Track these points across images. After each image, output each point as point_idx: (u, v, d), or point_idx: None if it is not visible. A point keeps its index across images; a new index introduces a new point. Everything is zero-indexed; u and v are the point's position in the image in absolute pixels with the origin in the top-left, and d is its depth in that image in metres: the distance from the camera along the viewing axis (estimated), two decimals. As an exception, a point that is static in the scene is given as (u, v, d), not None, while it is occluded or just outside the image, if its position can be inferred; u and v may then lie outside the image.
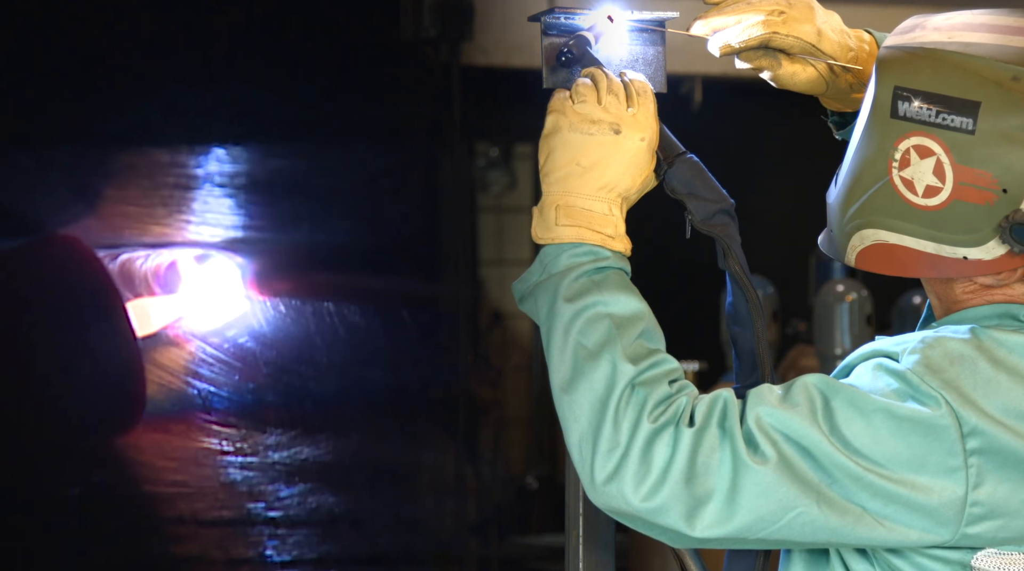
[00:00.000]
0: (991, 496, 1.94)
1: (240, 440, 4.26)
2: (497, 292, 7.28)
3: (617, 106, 2.06)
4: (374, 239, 4.65)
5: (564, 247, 2.04)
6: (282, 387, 4.35)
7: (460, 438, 5.12)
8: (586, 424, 1.95)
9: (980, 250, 1.99)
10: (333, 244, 4.51)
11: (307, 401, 4.40)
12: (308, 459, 4.39)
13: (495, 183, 7.17)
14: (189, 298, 4.17)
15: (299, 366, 4.37)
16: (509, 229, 7.32)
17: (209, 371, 4.20)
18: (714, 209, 2.09)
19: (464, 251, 5.51)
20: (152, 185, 4.18)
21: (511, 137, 6.97)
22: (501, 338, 7.24)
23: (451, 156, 5.15)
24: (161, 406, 4.18)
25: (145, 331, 4.11)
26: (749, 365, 2.10)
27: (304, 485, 4.36)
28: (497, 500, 6.76)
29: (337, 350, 4.44)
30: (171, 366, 4.17)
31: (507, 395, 7.15)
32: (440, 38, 5.07)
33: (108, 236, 4.10)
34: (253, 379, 4.29)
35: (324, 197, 4.53)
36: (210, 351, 4.19)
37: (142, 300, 4.10)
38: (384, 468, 4.64)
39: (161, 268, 4.12)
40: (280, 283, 4.31)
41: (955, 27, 2.03)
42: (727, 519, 1.93)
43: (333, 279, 4.50)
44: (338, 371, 4.45)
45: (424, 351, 4.80)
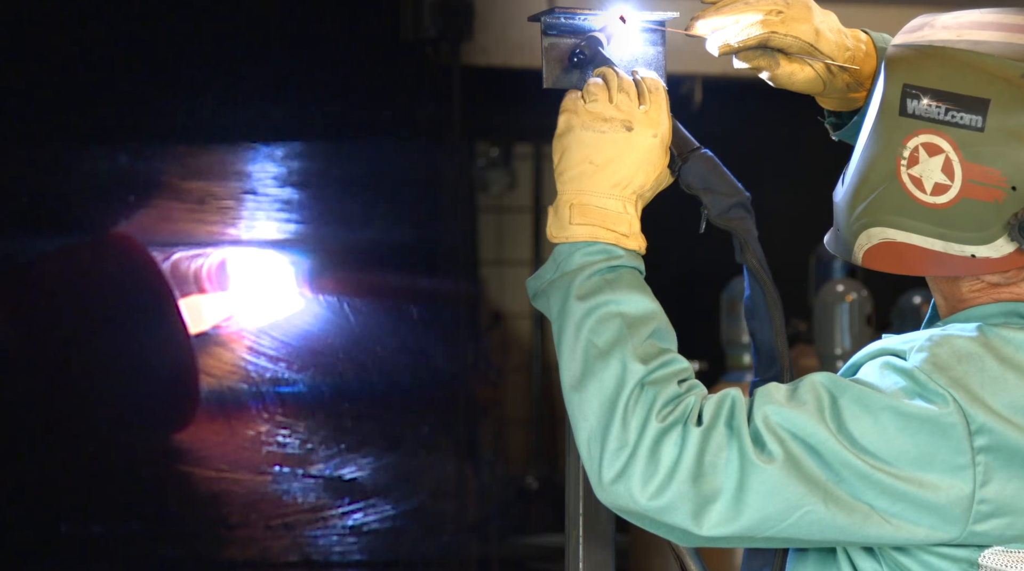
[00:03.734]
0: (998, 494, 1.94)
1: (290, 437, 4.30)
2: (497, 292, 7.28)
3: (629, 104, 2.07)
4: (374, 239, 4.65)
5: (578, 245, 2.04)
6: (303, 386, 4.37)
7: (460, 438, 5.12)
8: (595, 423, 1.96)
9: (988, 248, 1.99)
10: (332, 243, 4.52)
11: (330, 399, 4.42)
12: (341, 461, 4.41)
13: (495, 183, 7.16)
14: (240, 296, 4.20)
15: (319, 364, 4.39)
16: (509, 229, 7.31)
17: (261, 367, 4.23)
18: (730, 203, 2.09)
19: (464, 251, 5.51)
20: (204, 185, 4.21)
21: (511, 137, 6.97)
22: (501, 338, 7.23)
23: (451, 156, 5.15)
24: (214, 402, 4.21)
25: (198, 328, 4.14)
26: (767, 359, 2.10)
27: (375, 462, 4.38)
28: (497, 500, 6.76)
29: (342, 349, 4.45)
30: (223, 363, 4.19)
31: (507, 395, 7.15)
32: (440, 38, 5.07)
33: (160, 235, 4.13)
34: (301, 375, 4.33)
35: (323, 197, 4.53)
36: (261, 348, 4.22)
37: (194, 298, 4.13)
38: (384, 468, 4.64)
39: (212, 267, 4.15)
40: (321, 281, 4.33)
41: (964, 25, 2.04)
42: (734, 518, 1.93)
43: (335, 279, 4.50)
44: (342, 371, 4.45)
45: (424, 351, 4.80)
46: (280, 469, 4.31)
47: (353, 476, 4.53)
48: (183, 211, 4.18)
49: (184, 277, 4.12)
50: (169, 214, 4.16)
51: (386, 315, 4.61)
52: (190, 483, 4.23)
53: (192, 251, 4.15)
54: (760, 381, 2.09)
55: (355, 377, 4.49)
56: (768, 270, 2.09)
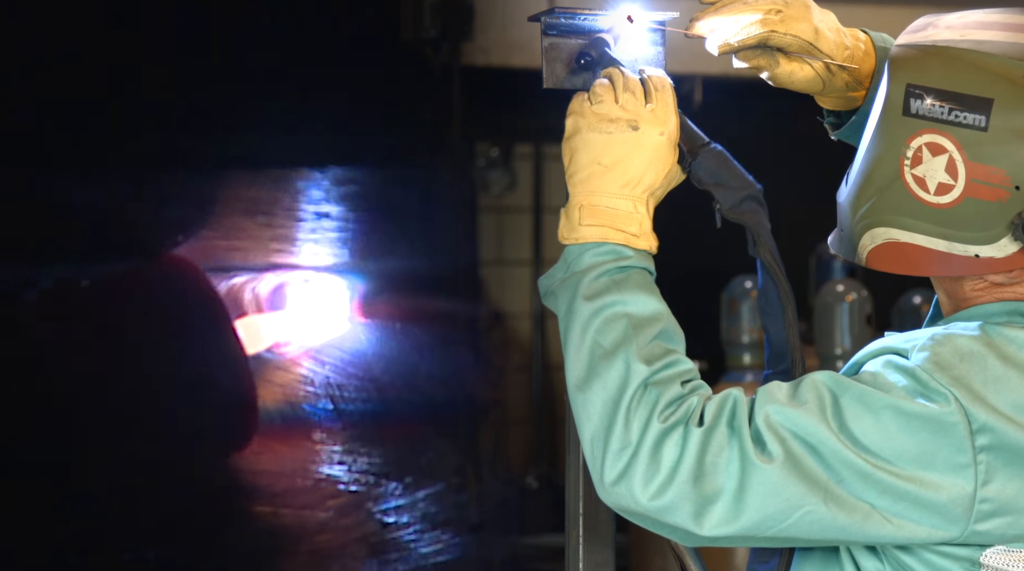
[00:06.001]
0: (1000, 493, 1.94)
1: (344, 454, 4.32)
2: (497, 292, 7.28)
3: (634, 103, 2.07)
4: (372, 239, 4.65)
5: (587, 246, 2.04)
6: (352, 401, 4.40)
7: (460, 438, 5.12)
8: (598, 423, 1.96)
9: (992, 248, 2.00)
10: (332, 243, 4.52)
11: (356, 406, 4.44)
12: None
13: (495, 183, 7.16)
14: (297, 318, 4.22)
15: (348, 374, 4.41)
16: (509, 229, 7.31)
17: (317, 389, 4.25)
18: (741, 196, 2.09)
19: (464, 251, 5.51)
20: (260, 209, 4.23)
21: (511, 137, 6.96)
22: (501, 338, 7.23)
23: (451, 156, 5.15)
24: (272, 422, 4.23)
25: (255, 348, 4.16)
26: (779, 353, 2.10)
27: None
28: (497, 500, 6.76)
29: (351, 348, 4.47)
30: (281, 383, 4.21)
31: (507, 395, 7.14)
32: (440, 38, 5.06)
33: (218, 260, 4.15)
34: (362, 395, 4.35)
35: (322, 196, 4.53)
36: (318, 370, 4.24)
37: (251, 317, 4.15)
38: (384, 468, 4.64)
39: (269, 290, 4.17)
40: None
41: (968, 25, 2.04)
42: (735, 518, 1.93)
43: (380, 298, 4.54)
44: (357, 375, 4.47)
45: (424, 351, 4.80)
46: (334, 490, 4.33)
47: (353, 476, 4.54)
48: (239, 235, 4.20)
49: (241, 300, 4.15)
50: (226, 238, 4.19)
51: (384, 314, 4.61)
52: (247, 504, 4.25)
53: (248, 275, 4.18)
54: (771, 374, 2.09)
55: (358, 378, 4.50)
56: (781, 263, 2.10)
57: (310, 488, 4.27)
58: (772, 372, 2.10)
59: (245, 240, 4.21)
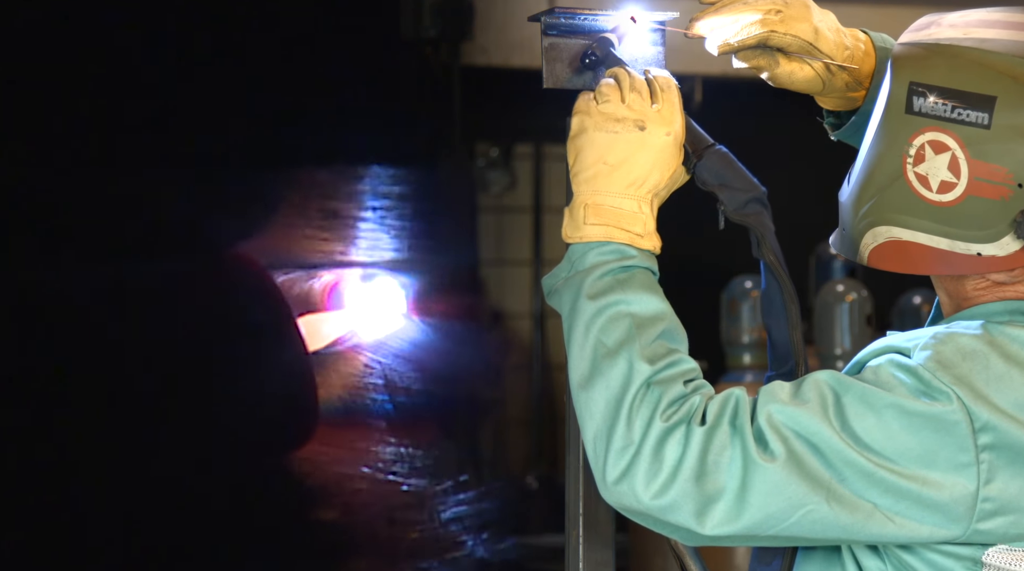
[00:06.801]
0: (1002, 492, 1.95)
1: (402, 453, 4.33)
2: (497, 292, 7.28)
3: (641, 103, 2.07)
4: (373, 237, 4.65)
5: (591, 245, 2.05)
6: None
7: (460, 438, 5.12)
8: (601, 422, 1.97)
9: (994, 246, 2.00)
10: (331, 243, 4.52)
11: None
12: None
13: (495, 183, 7.16)
14: (357, 314, 4.23)
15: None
16: (509, 229, 7.31)
17: (378, 385, 4.25)
18: (746, 198, 2.09)
19: (464, 251, 5.51)
20: (319, 206, 4.24)
21: (511, 137, 6.96)
22: (501, 338, 7.23)
23: (451, 156, 5.15)
24: (333, 418, 4.24)
25: (316, 345, 4.17)
26: (783, 354, 2.11)
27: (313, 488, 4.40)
28: (497, 500, 6.76)
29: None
30: (342, 380, 4.22)
31: (507, 395, 7.15)
32: (440, 38, 5.06)
33: (279, 256, 4.16)
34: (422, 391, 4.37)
35: (321, 197, 4.53)
36: (379, 366, 4.25)
37: (313, 316, 4.16)
38: (383, 468, 4.64)
39: (328, 287, 4.18)
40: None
41: (970, 23, 2.04)
42: (736, 517, 1.93)
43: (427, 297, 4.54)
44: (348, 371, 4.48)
45: (423, 351, 4.80)
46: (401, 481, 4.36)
47: (353, 476, 4.54)
48: (298, 233, 4.22)
49: (302, 298, 4.16)
50: (286, 236, 4.20)
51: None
52: (314, 499, 4.27)
53: (307, 272, 4.20)
54: (774, 376, 2.10)
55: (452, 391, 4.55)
56: (785, 265, 2.10)
57: (369, 486, 4.28)
58: (775, 374, 2.10)
59: (291, 238, 4.22)
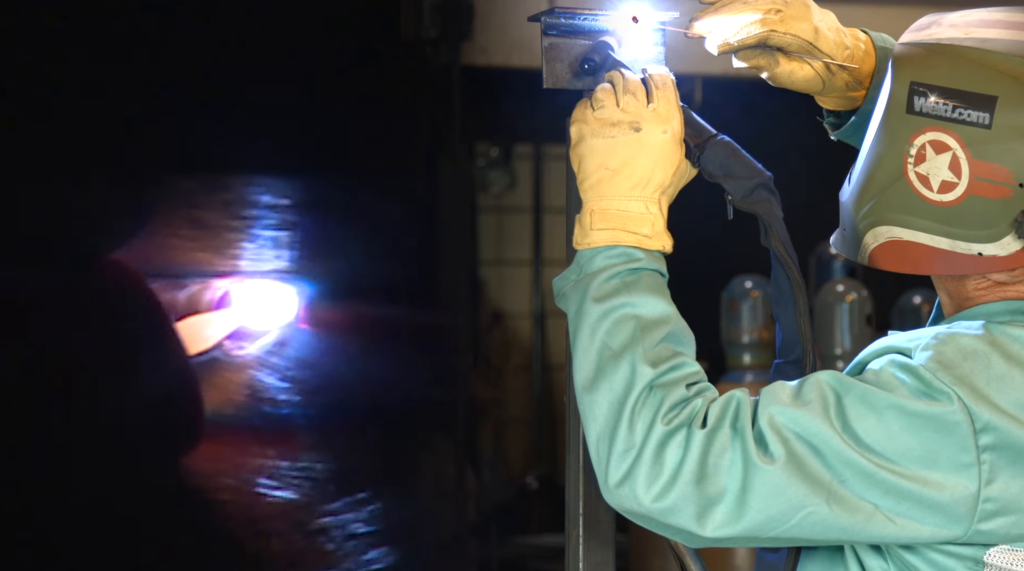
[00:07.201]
0: (1004, 492, 1.94)
1: (278, 464, 4.30)
2: (497, 292, 7.28)
3: (635, 104, 2.07)
4: (373, 239, 4.64)
5: (599, 249, 2.05)
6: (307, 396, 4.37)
7: (460, 438, 5.12)
8: (604, 424, 1.97)
9: (995, 246, 2.00)
10: (331, 243, 4.51)
11: (321, 407, 4.42)
12: (325, 468, 4.40)
13: (495, 183, 7.17)
14: (240, 322, 4.21)
15: (319, 371, 4.39)
16: (509, 229, 7.32)
17: (262, 391, 4.23)
18: (752, 185, 2.09)
19: (464, 251, 5.51)
20: (204, 213, 4.21)
21: (511, 137, 6.97)
22: (501, 338, 7.24)
23: (451, 156, 5.15)
24: (217, 425, 4.21)
25: (199, 349, 4.15)
26: (791, 342, 2.11)
27: (310, 489, 4.37)
28: (497, 500, 6.77)
29: (339, 348, 4.45)
30: (226, 387, 4.19)
31: (507, 395, 7.15)
32: (440, 38, 5.06)
33: (160, 265, 4.13)
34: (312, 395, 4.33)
35: (322, 196, 4.53)
36: (263, 372, 4.22)
37: (196, 318, 4.13)
38: (383, 468, 4.64)
39: (214, 296, 4.15)
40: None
41: (971, 23, 2.04)
42: (737, 519, 1.93)
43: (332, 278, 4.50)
44: (341, 370, 4.45)
45: (424, 351, 4.80)
46: (282, 485, 4.31)
47: (352, 476, 4.54)
48: (181, 240, 4.18)
49: (184, 305, 4.13)
50: (169, 244, 4.16)
51: (385, 314, 4.61)
52: (197, 506, 4.23)
53: (190, 280, 4.15)
54: (783, 364, 2.10)
55: (357, 377, 4.49)
56: (793, 252, 2.10)
57: (255, 493, 4.25)
58: (784, 361, 2.10)
59: (172, 246, 4.18)
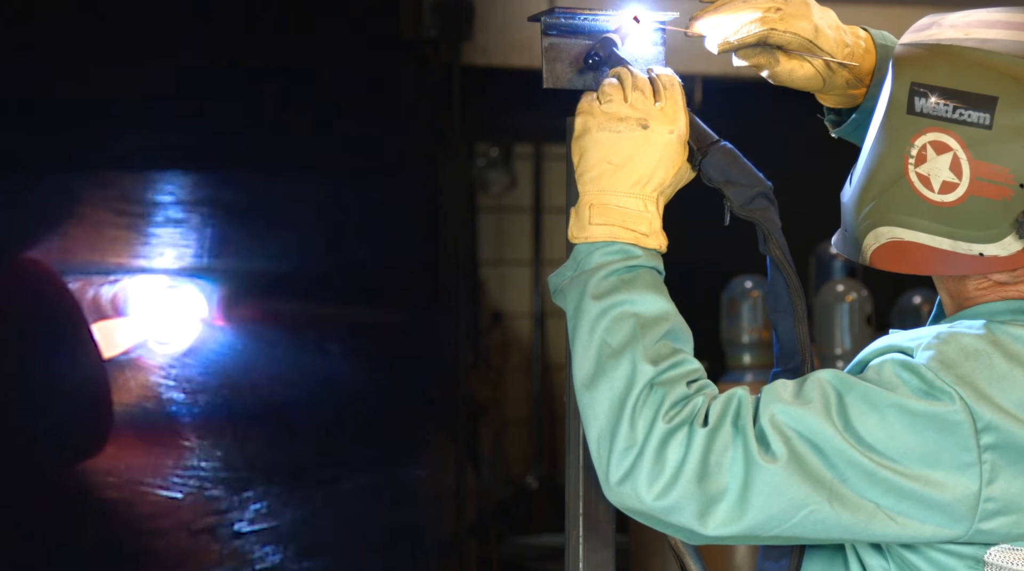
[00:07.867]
0: (1005, 492, 1.94)
1: (216, 455, 4.26)
2: (497, 292, 7.28)
3: (644, 102, 2.07)
4: (373, 238, 4.64)
5: (597, 245, 2.04)
6: (263, 392, 4.34)
7: (460, 438, 5.12)
8: (604, 422, 1.97)
9: (996, 246, 2.00)
10: (330, 242, 4.51)
11: (298, 401, 4.39)
12: (303, 466, 4.38)
13: (495, 183, 7.17)
14: (154, 322, 4.17)
15: (290, 362, 4.36)
16: (509, 229, 7.32)
17: (174, 393, 4.20)
18: (752, 194, 2.09)
19: (464, 251, 5.51)
20: (118, 210, 4.17)
21: (511, 137, 6.97)
22: (501, 338, 7.24)
23: (451, 156, 5.15)
24: (128, 426, 4.17)
25: (111, 353, 4.11)
26: (789, 349, 2.11)
27: (295, 488, 4.35)
28: (497, 500, 6.77)
29: (334, 348, 4.44)
30: (137, 388, 4.16)
31: (507, 395, 7.15)
32: (440, 38, 5.07)
33: (73, 261, 4.08)
34: (229, 393, 4.29)
35: (323, 196, 4.53)
36: (175, 373, 4.19)
37: (107, 322, 4.10)
38: (384, 468, 4.64)
39: (125, 293, 4.12)
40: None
41: (972, 24, 2.04)
42: (738, 517, 1.93)
43: (331, 277, 4.49)
44: (338, 369, 4.44)
45: (424, 351, 4.80)
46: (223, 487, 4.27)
47: (353, 476, 4.53)
48: (97, 237, 4.14)
49: (95, 304, 4.09)
50: (82, 240, 4.12)
51: (385, 315, 4.60)
52: (107, 508, 4.19)
53: (103, 277, 4.11)
54: (781, 372, 2.09)
55: (356, 377, 4.48)
56: (791, 260, 2.10)
57: (163, 495, 4.22)
58: (781, 370, 2.10)
59: (87, 243, 4.15)
